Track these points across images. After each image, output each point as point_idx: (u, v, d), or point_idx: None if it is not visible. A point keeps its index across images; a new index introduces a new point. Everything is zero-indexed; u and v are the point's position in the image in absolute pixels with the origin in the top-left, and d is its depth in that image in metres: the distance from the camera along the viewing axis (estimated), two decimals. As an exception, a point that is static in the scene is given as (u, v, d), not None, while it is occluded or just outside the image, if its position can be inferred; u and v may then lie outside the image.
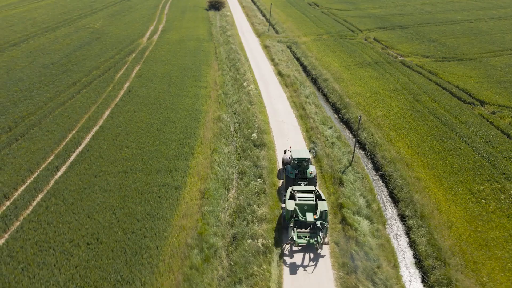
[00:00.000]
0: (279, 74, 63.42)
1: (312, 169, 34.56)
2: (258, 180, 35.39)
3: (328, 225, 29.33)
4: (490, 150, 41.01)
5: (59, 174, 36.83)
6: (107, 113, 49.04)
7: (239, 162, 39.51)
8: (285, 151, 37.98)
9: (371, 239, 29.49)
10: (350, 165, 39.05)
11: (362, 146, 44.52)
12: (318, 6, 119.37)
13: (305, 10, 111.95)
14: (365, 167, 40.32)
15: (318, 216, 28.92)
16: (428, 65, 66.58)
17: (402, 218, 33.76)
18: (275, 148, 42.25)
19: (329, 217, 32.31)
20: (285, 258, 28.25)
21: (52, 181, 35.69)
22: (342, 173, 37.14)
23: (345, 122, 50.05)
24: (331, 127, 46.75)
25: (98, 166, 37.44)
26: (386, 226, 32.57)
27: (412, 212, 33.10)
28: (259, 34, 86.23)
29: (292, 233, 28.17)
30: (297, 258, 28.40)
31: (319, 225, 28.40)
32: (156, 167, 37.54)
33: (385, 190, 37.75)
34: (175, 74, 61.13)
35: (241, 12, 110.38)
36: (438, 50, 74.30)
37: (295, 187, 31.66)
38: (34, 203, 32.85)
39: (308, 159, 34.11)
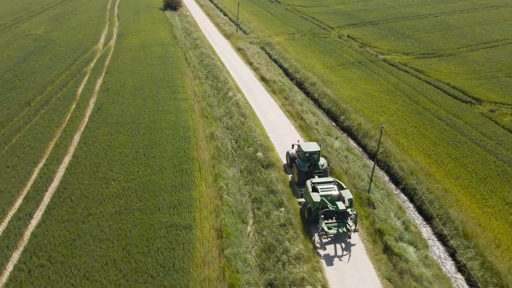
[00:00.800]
0: (263, 79, 59.89)
1: (323, 161, 36.18)
2: (281, 209, 31.65)
3: (357, 212, 30.18)
4: (507, 153, 40.46)
5: (34, 223, 30.61)
6: (77, 138, 42.72)
7: (250, 187, 35.52)
8: (293, 145, 38.40)
9: (425, 270, 26.96)
10: (371, 180, 36.53)
11: (373, 157, 42.27)
12: (280, 3, 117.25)
13: (268, 8, 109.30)
14: (383, 181, 38.00)
15: (347, 204, 30.05)
16: (411, 62, 66.37)
17: (440, 237, 31.71)
18: (281, 166, 38.63)
19: (369, 246, 29.49)
20: (318, 250, 28.95)
21: (28, 234, 29.49)
22: (368, 191, 34.45)
23: (346, 130, 47.65)
24: (336, 138, 44.09)
25: (83, 208, 31.67)
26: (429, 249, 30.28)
27: (452, 231, 31.10)
28: (227, 36, 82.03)
29: (323, 225, 29.16)
30: (330, 249, 29.13)
31: (350, 212, 29.71)
32: (156, 203, 32.51)
33: (411, 205, 35.64)
34: (147, 86, 55.44)
35: (201, 12, 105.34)
36: (415, 46, 74.70)
37: (314, 180, 32.40)
38: (10, 267, 26.69)
39: (319, 151, 35.53)
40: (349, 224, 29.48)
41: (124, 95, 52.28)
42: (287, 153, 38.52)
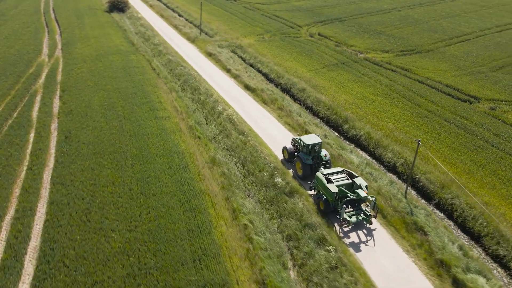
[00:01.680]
0: (247, 88, 55.68)
1: (325, 152, 37.06)
2: (328, 248, 27.93)
3: (375, 198, 31.55)
4: (529, 155, 40.07)
5: (21, 303, 24.25)
6: (47, 177, 35.91)
7: (278, 222, 31.44)
8: (292, 139, 38.82)
9: (507, 305, 24.71)
10: (406, 198, 34.07)
11: (392, 169, 39.94)
12: (235, 0, 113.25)
13: (225, 6, 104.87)
14: (415, 198, 35.70)
15: (366, 191, 31.41)
16: (395, 61, 65.68)
17: (495, 258, 29.84)
18: (307, 193, 34.90)
19: (436, 281, 26.75)
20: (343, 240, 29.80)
21: (17, 320, 23.14)
22: (411, 214, 31.82)
23: (353, 141, 44.87)
24: (351, 152, 41.25)
25: (85, 275, 25.70)
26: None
27: (510, 251, 29.32)
28: (191, 40, 76.52)
29: (345, 214, 30.39)
30: (354, 237, 30.32)
31: (371, 199, 30.93)
32: (175, 256, 27.35)
33: (450, 223, 33.57)
34: (118, 104, 48.96)
35: (153, 13, 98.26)
36: (392, 43, 74.50)
37: (324, 171, 33.32)
38: None
39: (320, 142, 36.32)
40: (367, 211, 31.13)
41: (93, 118, 45.53)
42: (285, 148, 38.98)
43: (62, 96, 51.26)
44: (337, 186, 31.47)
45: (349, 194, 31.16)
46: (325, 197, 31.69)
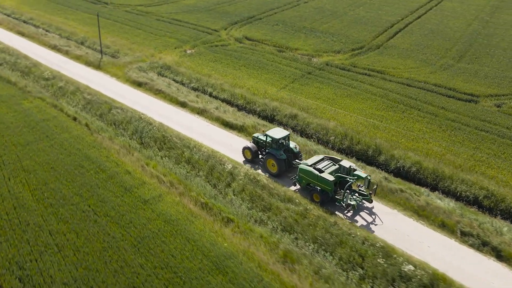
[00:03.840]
0: (229, 126, 44.89)
1: (293, 144, 38.06)
2: None
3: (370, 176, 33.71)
4: None
5: None
6: None
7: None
8: (253, 137, 39.03)
9: None
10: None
11: (473, 204, 35.43)
12: (108, 4, 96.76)
13: (103, 13, 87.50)
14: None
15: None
16: (358, 62, 62.44)
17: None
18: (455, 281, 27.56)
19: None
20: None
21: None
22: None
23: (398, 174, 39.10)
24: (428, 195, 35.29)
25: None
26: None
27: None
28: (95, 65, 60.32)
29: (349, 200, 32.13)
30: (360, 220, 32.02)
31: (369, 178, 32.77)
32: None
33: None
34: (68, 190, 33.31)
35: (6, 32, 75.16)
36: (335, 41, 71.57)
37: (308, 162, 34.59)
38: None
39: (289, 134, 37.38)
40: (361, 190, 33.20)
41: (42, 226, 29.61)
42: (247, 148, 38.38)
43: (-48, 195, 32.86)
44: (330, 173, 33.05)
45: (348, 179, 32.80)
46: (319, 188, 32.75)
